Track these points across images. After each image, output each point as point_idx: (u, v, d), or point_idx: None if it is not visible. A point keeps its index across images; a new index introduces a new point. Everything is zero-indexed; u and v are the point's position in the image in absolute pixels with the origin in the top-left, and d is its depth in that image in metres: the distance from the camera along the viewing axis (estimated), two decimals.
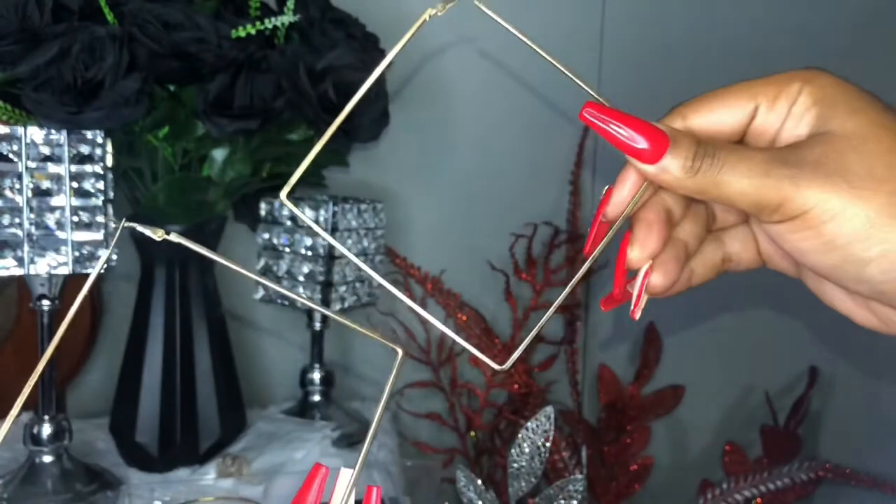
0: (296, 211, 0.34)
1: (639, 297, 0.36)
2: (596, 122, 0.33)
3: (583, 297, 1.00)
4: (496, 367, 0.34)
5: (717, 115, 0.35)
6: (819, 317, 1.11)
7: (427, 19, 0.32)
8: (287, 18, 0.69)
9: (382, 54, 0.78)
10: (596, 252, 0.36)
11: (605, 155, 0.99)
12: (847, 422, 1.08)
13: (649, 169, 0.33)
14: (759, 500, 0.88)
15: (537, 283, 0.94)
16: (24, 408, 0.78)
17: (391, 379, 0.33)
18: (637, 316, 0.37)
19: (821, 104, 0.34)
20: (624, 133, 0.33)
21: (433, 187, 0.96)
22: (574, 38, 0.98)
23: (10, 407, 0.25)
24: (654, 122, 0.34)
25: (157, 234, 0.29)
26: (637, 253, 0.35)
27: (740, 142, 0.36)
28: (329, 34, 0.73)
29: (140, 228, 0.29)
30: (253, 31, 0.66)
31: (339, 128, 0.36)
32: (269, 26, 0.67)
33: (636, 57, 1.00)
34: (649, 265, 0.36)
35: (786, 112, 0.34)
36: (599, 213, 0.37)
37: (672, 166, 0.33)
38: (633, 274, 0.37)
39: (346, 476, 0.32)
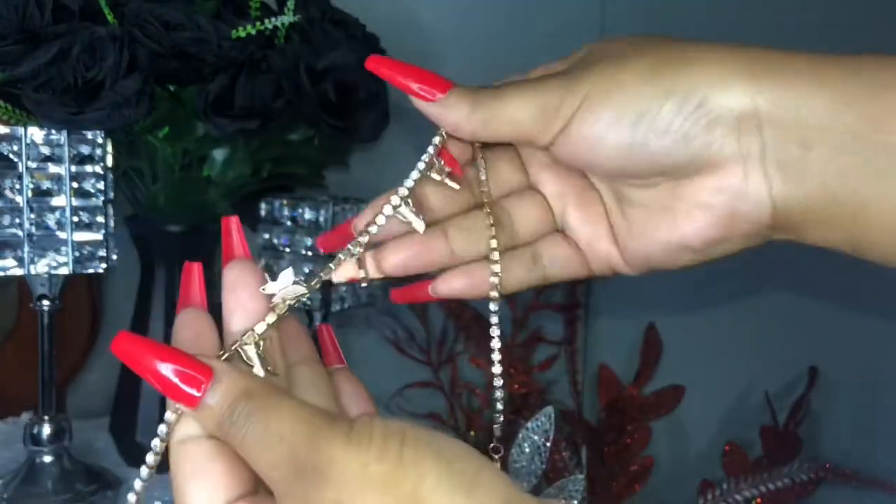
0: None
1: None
2: (381, 70, 0.37)
3: (582, 297, 1.00)
4: None
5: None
6: (819, 317, 1.11)
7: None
8: (287, 19, 0.69)
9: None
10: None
11: None
12: (847, 422, 1.08)
13: (432, 108, 0.37)
14: (758, 500, 0.88)
15: None
16: (24, 408, 0.79)
17: None
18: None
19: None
20: (404, 80, 0.37)
21: None
22: (574, 38, 0.98)
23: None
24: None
25: None
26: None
27: None
28: (329, 34, 0.73)
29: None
30: (253, 32, 0.66)
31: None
32: (270, 27, 0.67)
33: None
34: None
35: None
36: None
37: (453, 101, 0.37)
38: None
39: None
